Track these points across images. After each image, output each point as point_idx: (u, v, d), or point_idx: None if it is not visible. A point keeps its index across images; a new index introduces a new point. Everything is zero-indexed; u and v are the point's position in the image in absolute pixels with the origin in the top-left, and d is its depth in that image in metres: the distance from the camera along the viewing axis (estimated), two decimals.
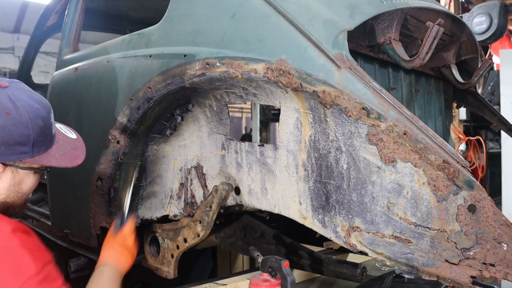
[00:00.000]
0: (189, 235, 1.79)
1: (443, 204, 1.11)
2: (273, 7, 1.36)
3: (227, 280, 1.99)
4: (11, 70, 9.40)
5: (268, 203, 1.51)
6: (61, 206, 2.28)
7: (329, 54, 1.24)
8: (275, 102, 1.43)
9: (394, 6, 1.42)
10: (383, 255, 1.22)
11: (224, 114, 1.65)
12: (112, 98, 1.81)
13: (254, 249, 1.81)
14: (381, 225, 1.21)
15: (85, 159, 2.03)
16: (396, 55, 1.49)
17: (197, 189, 1.79)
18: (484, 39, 4.43)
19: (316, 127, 1.32)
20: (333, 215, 1.30)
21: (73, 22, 2.46)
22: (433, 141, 1.11)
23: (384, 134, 1.16)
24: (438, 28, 1.36)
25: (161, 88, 1.58)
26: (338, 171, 1.28)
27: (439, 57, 1.97)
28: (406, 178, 1.16)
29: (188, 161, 1.80)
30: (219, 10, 1.49)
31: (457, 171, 1.07)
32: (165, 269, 1.94)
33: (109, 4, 3.30)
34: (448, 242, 1.11)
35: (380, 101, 1.16)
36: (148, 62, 1.66)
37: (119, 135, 1.75)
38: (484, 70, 1.94)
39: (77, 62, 2.21)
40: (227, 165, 1.65)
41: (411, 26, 1.73)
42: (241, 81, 1.41)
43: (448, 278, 1.13)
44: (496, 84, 5.03)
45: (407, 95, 1.88)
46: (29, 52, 3.57)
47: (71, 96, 2.15)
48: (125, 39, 1.89)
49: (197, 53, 1.48)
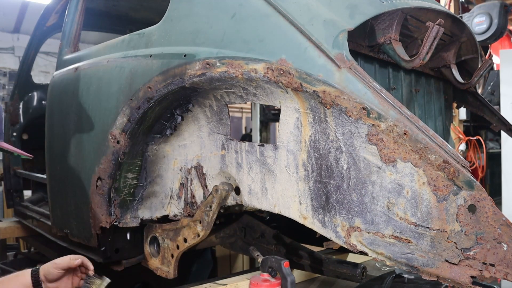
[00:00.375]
0: (189, 235, 1.79)
1: (443, 204, 1.11)
2: (273, 7, 1.36)
3: (227, 280, 1.99)
4: (11, 70, 9.39)
5: (268, 203, 1.51)
6: (61, 206, 2.28)
7: (329, 54, 1.24)
8: (275, 102, 1.43)
9: (394, 6, 1.42)
10: (383, 255, 1.22)
11: (224, 114, 1.65)
12: (112, 98, 1.81)
13: (254, 249, 1.81)
14: (381, 225, 1.21)
15: (85, 159, 2.03)
16: (396, 55, 1.49)
17: (197, 189, 1.79)
18: (484, 39, 4.43)
19: (316, 127, 1.32)
20: (333, 215, 1.30)
21: (73, 22, 2.46)
22: (433, 141, 1.11)
23: (384, 134, 1.16)
24: (438, 28, 1.36)
25: (161, 88, 1.58)
26: (338, 171, 1.28)
27: (439, 57, 1.97)
28: (406, 178, 1.16)
29: (188, 161, 1.80)
30: (219, 10, 1.49)
31: (457, 171, 1.07)
32: (165, 269, 1.94)
33: (109, 4, 3.30)
34: (448, 242, 1.11)
35: (380, 101, 1.16)
36: (148, 62, 1.66)
37: (119, 135, 1.75)
38: (484, 70, 1.94)
39: (77, 62, 2.21)
40: (227, 165, 1.65)
41: (411, 26, 1.73)
42: (241, 81, 1.41)
43: (448, 278, 1.13)
44: (496, 84, 5.03)
45: (407, 95, 1.88)
46: (29, 52, 3.57)
47: (71, 96, 2.14)
48: (125, 39, 1.89)
49: (197, 53, 1.48)
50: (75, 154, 2.08)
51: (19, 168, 3.61)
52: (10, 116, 3.65)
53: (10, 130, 3.65)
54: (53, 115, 2.35)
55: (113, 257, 2.04)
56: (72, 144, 2.10)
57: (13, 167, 3.61)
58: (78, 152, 2.05)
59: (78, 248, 2.26)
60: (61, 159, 2.22)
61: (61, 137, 2.23)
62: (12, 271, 3.61)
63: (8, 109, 3.67)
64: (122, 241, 2.05)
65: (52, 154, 2.35)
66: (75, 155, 2.07)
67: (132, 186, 1.85)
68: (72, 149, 2.10)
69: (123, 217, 1.89)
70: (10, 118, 3.66)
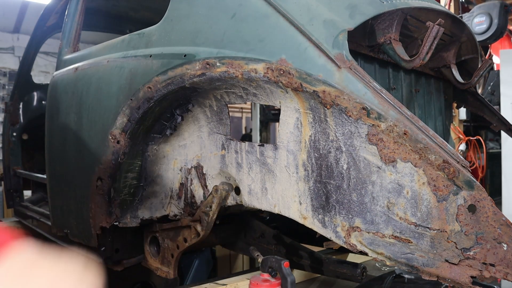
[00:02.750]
0: (189, 235, 1.79)
1: (443, 204, 1.11)
2: (273, 7, 1.36)
3: (227, 280, 1.99)
4: (11, 70, 9.40)
5: (268, 203, 1.51)
6: (61, 206, 2.28)
7: (329, 54, 1.24)
8: (275, 102, 1.43)
9: (394, 6, 1.42)
10: (383, 255, 1.22)
11: (224, 114, 1.65)
12: (112, 98, 1.81)
13: (254, 249, 1.81)
14: (381, 225, 1.21)
15: (85, 159, 2.03)
16: (396, 55, 1.49)
17: (197, 189, 1.79)
18: (484, 39, 4.43)
19: (316, 127, 1.32)
20: (333, 215, 1.30)
21: (73, 22, 2.46)
22: (433, 141, 1.11)
23: (384, 134, 1.16)
24: (438, 28, 1.36)
25: (161, 88, 1.58)
26: (338, 171, 1.28)
27: (439, 57, 1.97)
28: (406, 178, 1.16)
29: (188, 161, 1.80)
30: (219, 10, 1.49)
31: (457, 171, 1.07)
32: (165, 269, 1.94)
33: (109, 4, 3.30)
34: (448, 242, 1.11)
35: (380, 101, 1.16)
36: (148, 62, 1.66)
37: (119, 135, 1.75)
38: (484, 70, 1.94)
39: (77, 62, 2.21)
40: (227, 165, 1.65)
41: (411, 26, 1.73)
42: (241, 81, 1.41)
43: (448, 278, 1.13)
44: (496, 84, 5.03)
45: (407, 95, 1.88)
46: (29, 52, 3.57)
47: (71, 96, 2.15)
48: (125, 39, 1.89)
49: (197, 53, 1.48)
50: (75, 154, 2.08)
51: (19, 168, 3.61)
52: (10, 116, 3.65)
53: (10, 130, 3.65)
54: (53, 115, 2.34)
55: (113, 257, 2.04)
56: (72, 144, 2.10)
57: (13, 167, 3.61)
58: (78, 152, 2.05)
59: (78, 248, 2.26)
60: (61, 159, 2.22)
61: (61, 137, 2.23)
62: None
63: (8, 109, 3.67)
64: (122, 241, 2.06)
65: (52, 154, 2.35)
66: (75, 155, 2.07)
67: (132, 186, 1.85)
68: (72, 149, 2.10)
69: (123, 217, 1.89)
70: (10, 118, 3.66)
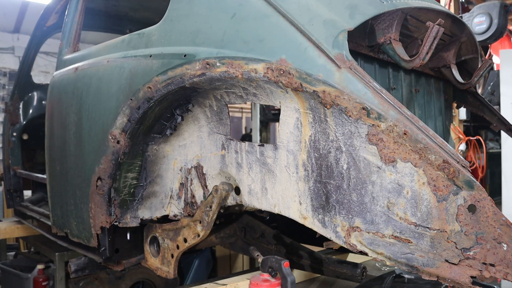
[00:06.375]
0: (189, 235, 1.79)
1: (443, 204, 1.11)
2: (273, 7, 1.36)
3: (227, 280, 1.99)
4: (11, 70, 9.40)
5: (268, 203, 1.51)
6: (61, 206, 2.28)
7: (329, 54, 1.24)
8: (275, 102, 1.43)
9: (394, 6, 1.42)
10: (383, 255, 1.22)
11: (224, 114, 1.65)
12: (112, 98, 1.81)
13: (254, 249, 1.81)
14: (381, 225, 1.21)
15: (85, 159, 2.03)
16: (396, 55, 1.49)
17: (197, 189, 1.79)
18: (484, 39, 4.43)
19: (316, 127, 1.32)
20: (333, 215, 1.30)
21: (73, 22, 2.46)
22: (433, 141, 1.11)
23: (384, 134, 1.16)
24: (438, 28, 1.36)
25: (161, 88, 1.58)
26: (338, 171, 1.28)
27: (439, 57, 1.97)
28: (406, 178, 1.16)
29: (188, 161, 1.80)
30: (219, 10, 1.49)
31: (457, 171, 1.07)
32: (165, 269, 1.94)
33: (109, 4, 3.30)
34: (448, 242, 1.11)
35: (380, 101, 1.16)
36: (148, 62, 1.66)
37: (119, 135, 1.75)
38: (484, 70, 1.94)
39: (77, 62, 2.21)
40: (227, 165, 1.65)
41: (411, 26, 1.73)
42: (241, 81, 1.41)
43: (448, 278, 1.13)
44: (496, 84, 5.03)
45: (407, 95, 1.88)
46: (29, 52, 3.57)
47: (71, 96, 2.15)
48: (125, 39, 1.89)
49: (197, 53, 1.48)
50: (75, 154, 2.08)
51: (19, 168, 3.61)
52: (10, 116, 3.65)
53: (10, 130, 3.65)
54: (53, 115, 2.35)
55: (113, 257, 2.04)
56: (72, 144, 2.10)
57: (13, 167, 3.61)
58: (78, 152, 2.05)
59: (78, 248, 2.26)
60: (61, 159, 2.22)
61: (61, 137, 2.23)
62: (12, 271, 3.61)
63: (8, 109, 3.67)
64: (122, 241, 2.06)
65: (52, 154, 2.35)
66: (75, 155, 2.07)
67: (132, 186, 1.85)
68: (72, 149, 2.10)
69: (123, 217, 1.89)
70: (10, 118, 3.66)
